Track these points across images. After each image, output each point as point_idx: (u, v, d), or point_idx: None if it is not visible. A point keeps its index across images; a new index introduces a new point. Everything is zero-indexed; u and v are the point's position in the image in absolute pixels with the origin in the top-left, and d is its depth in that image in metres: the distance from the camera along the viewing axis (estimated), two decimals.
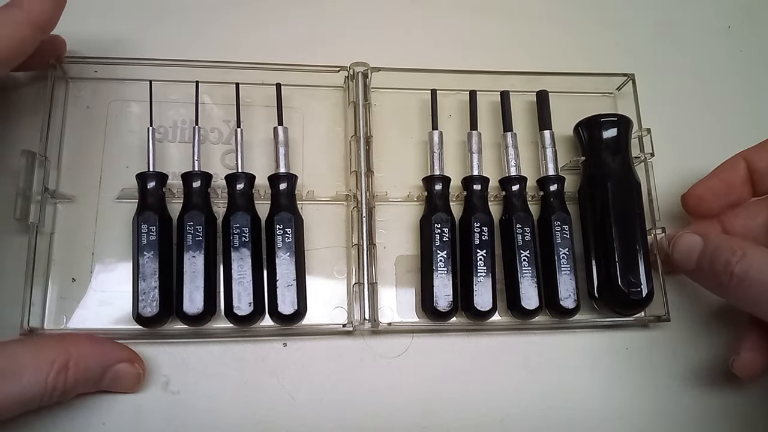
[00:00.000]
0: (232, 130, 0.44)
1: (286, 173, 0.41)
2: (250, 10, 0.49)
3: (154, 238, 0.38)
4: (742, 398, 0.44)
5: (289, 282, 0.39)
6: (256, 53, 0.45)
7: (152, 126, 0.41)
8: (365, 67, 0.45)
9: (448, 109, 0.47)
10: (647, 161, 0.45)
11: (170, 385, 0.39)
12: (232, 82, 0.43)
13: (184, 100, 0.44)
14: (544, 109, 0.45)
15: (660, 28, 0.54)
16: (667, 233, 0.43)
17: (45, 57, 0.40)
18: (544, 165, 0.44)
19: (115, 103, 0.44)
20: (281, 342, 0.41)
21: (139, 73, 0.43)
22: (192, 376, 0.39)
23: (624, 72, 0.48)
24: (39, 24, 0.36)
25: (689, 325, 0.45)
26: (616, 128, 0.44)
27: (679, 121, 0.51)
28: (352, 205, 0.43)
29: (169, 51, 0.44)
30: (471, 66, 0.47)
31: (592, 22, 0.53)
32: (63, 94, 0.44)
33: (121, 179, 0.42)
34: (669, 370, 0.44)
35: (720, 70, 0.54)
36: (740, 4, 0.57)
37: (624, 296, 0.40)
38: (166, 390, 0.39)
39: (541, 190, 0.44)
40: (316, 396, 0.40)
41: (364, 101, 0.44)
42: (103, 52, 0.44)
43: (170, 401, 0.39)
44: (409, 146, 0.47)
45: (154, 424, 0.38)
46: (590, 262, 0.43)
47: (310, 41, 0.49)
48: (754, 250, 0.34)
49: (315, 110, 0.46)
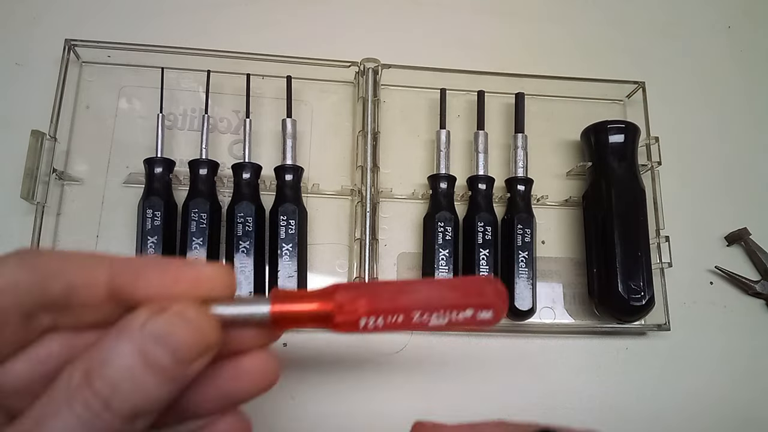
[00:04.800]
0: (241, 120, 0.44)
1: (292, 165, 0.42)
2: (263, 4, 0.50)
3: (159, 224, 0.38)
4: (742, 403, 0.43)
5: (290, 273, 0.39)
6: (268, 46, 0.45)
7: (162, 113, 0.42)
8: (376, 64, 0.45)
9: (456, 108, 0.48)
10: (654, 169, 0.45)
11: None
12: (243, 72, 0.43)
13: (194, 89, 0.45)
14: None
15: (660, 28, 0.54)
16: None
17: None
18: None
19: (127, 89, 0.45)
20: (281, 342, 0.41)
21: (152, 60, 0.44)
22: None
23: (634, 79, 0.48)
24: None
25: (689, 334, 0.45)
26: (623, 135, 0.44)
27: (682, 127, 0.51)
28: (357, 199, 0.43)
29: (182, 40, 0.44)
30: (481, 67, 0.47)
31: (594, 23, 0.53)
32: (76, 77, 0.44)
33: (129, 164, 0.43)
34: (667, 378, 0.44)
35: (721, 70, 0.54)
36: (740, 4, 0.56)
37: (624, 302, 0.40)
38: None
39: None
40: (316, 396, 0.40)
41: (374, 97, 0.44)
42: (116, 37, 0.44)
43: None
44: (415, 144, 0.47)
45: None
46: (591, 267, 0.43)
47: (322, 36, 0.49)
48: None
49: (324, 104, 0.47)
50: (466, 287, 0.23)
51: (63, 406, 0.19)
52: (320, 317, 0.23)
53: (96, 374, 0.19)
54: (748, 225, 0.47)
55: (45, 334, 0.24)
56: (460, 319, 0.23)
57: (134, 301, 0.22)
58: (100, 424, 0.19)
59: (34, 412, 0.19)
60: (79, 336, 0.24)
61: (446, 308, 0.23)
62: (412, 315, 0.23)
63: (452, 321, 0.23)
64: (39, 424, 0.19)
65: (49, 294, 0.22)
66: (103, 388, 0.19)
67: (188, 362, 0.21)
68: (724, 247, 0.48)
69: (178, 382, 0.21)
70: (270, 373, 0.25)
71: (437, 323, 0.23)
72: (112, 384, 0.19)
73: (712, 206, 0.49)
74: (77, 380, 0.19)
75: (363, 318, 0.23)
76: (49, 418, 0.19)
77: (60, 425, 0.19)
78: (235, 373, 0.24)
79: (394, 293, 0.23)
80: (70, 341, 0.24)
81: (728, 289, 0.47)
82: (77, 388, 0.19)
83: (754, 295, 0.47)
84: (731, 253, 0.48)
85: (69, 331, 0.24)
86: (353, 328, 0.23)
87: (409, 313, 0.23)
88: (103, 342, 0.20)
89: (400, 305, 0.23)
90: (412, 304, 0.23)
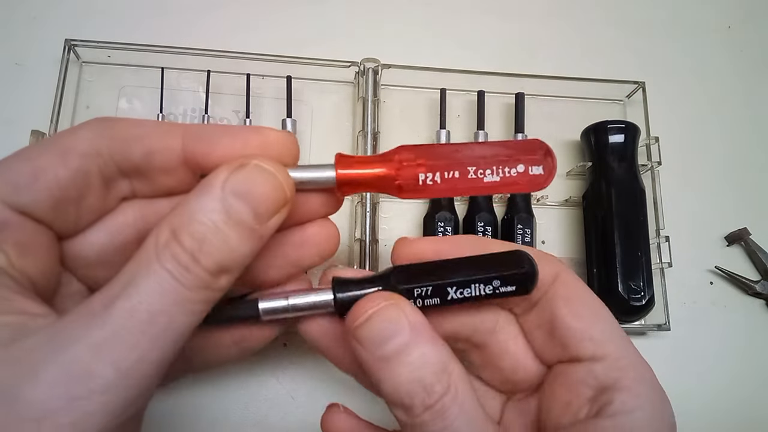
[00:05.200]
0: (241, 120, 0.44)
1: None
2: (263, 4, 0.49)
3: None
4: (742, 402, 0.43)
5: None
6: (268, 46, 0.45)
7: (162, 113, 0.42)
8: (376, 64, 0.45)
9: (456, 108, 0.48)
10: (654, 169, 0.45)
11: (170, 385, 0.39)
12: (243, 72, 0.43)
13: (194, 89, 0.45)
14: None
15: (661, 28, 0.54)
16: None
17: None
18: None
19: (127, 89, 0.45)
20: (281, 342, 0.41)
21: (152, 60, 0.44)
22: (192, 376, 0.39)
23: (634, 79, 0.48)
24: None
25: (689, 334, 0.45)
26: (623, 134, 0.44)
27: (682, 127, 0.51)
28: (357, 199, 0.43)
29: (182, 40, 0.44)
30: (481, 67, 0.47)
31: (594, 23, 0.53)
32: (76, 77, 0.44)
33: None
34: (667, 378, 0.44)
35: (721, 71, 0.54)
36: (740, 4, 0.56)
37: (624, 302, 0.40)
38: (167, 390, 0.39)
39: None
40: (316, 396, 0.40)
41: (373, 97, 0.44)
42: (116, 37, 0.44)
43: (170, 401, 0.39)
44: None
45: (154, 424, 0.38)
46: (591, 267, 0.43)
47: (322, 36, 0.49)
48: (466, 395, 0.23)
49: (324, 104, 0.47)
50: (517, 146, 0.25)
51: (154, 263, 0.20)
52: (383, 179, 0.24)
53: (183, 230, 0.20)
54: (748, 225, 0.47)
55: (122, 202, 0.25)
56: (513, 176, 0.24)
57: (207, 167, 0.23)
58: (189, 278, 0.20)
59: (123, 275, 0.20)
60: (152, 205, 0.25)
61: (499, 163, 0.24)
62: (468, 170, 0.24)
63: (505, 177, 0.24)
64: (130, 283, 0.19)
65: (130, 158, 0.23)
66: (190, 243, 0.20)
67: (267, 217, 0.21)
68: (724, 247, 0.48)
69: (257, 238, 0.21)
70: (332, 239, 0.26)
71: (492, 180, 0.24)
72: (198, 239, 0.20)
73: (712, 206, 0.49)
74: (165, 237, 0.20)
75: (422, 174, 0.24)
76: (141, 276, 0.19)
77: (152, 280, 0.19)
78: (300, 240, 0.26)
79: (451, 151, 0.24)
80: (143, 210, 0.25)
81: (728, 289, 0.47)
82: (166, 245, 0.20)
83: (754, 295, 0.47)
84: (731, 253, 0.48)
85: (143, 199, 0.25)
86: (414, 185, 0.24)
87: (464, 168, 0.24)
88: (187, 201, 0.21)
89: (456, 160, 0.24)
90: (467, 159, 0.24)
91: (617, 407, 0.23)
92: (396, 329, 0.22)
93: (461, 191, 0.25)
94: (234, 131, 0.23)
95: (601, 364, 0.24)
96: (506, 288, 0.24)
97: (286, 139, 0.24)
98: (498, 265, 0.24)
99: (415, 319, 0.23)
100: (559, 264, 0.27)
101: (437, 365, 0.22)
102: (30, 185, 0.21)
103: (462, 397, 0.22)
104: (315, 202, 0.25)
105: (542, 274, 0.25)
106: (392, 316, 0.23)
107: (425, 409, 0.22)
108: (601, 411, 0.23)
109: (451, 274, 0.24)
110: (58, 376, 0.18)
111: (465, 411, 0.22)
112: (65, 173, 0.22)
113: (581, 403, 0.24)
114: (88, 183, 0.23)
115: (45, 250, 0.23)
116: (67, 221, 0.23)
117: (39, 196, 0.21)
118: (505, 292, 0.24)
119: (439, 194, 0.25)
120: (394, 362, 0.22)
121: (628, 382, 0.23)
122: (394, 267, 0.25)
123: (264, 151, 0.23)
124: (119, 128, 0.23)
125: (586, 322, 0.25)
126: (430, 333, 0.23)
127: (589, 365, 0.24)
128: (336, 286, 0.24)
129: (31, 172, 0.21)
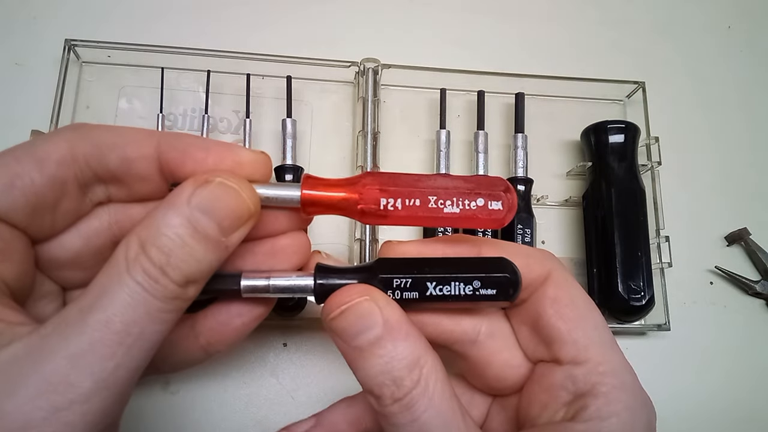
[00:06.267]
0: (241, 120, 0.44)
1: (292, 165, 0.42)
2: (263, 4, 0.49)
3: None
4: (742, 402, 0.43)
5: None
6: (268, 46, 0.45)
7: (162, 113, 0.42)
8: (376, 64, 0.45)
9: (456, 108, 0.48)
10: (654, 169, 0.45)
11: (170, 386, 0.39)
12: (243, 72, 0.43)
13: (194, 89, 0.45)
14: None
15: (660, 28, 0.54)
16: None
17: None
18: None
19: (127, 89, 0.45)
20: (281, 342, 0.41)
21: (152, 60, 0.44)
22: (192, 376, 0.39)
23: (634, 79, 0.48)
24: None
25: (689, 334, 0.45)
26: (623, 134, 0.44)
27: (682, 127, 0.51)
28: None
29: (182, 40, 0.44)
30: (481, 67, 0.47)
31: (595, 23, 0.53)
32: (76, 77, 0.44)
33: None
34: (667, 378, 0.44)
35: (720, 71, 0.54)
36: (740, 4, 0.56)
37: (624, 302, 0.40)
38: (166, 390, 0.39)
39: None
40: (316, 396, 0.40)
41: (374, 97, 0.44)
42: (116, 37, 0.44)
43: (170, 401, 0.39)
44: (415, 144, 0.47)
45: (154, 424, 0.38)
46: (591, 267, 0.43)
47: (322, 36, 0.49)
48: (437, 389, 0.23)
49: (324, 104, 0.47)
50: (479, 180, 0.25)
51: (124, 274, 0.20)
52: (346, 202, 0.25)
53: (151, 244, 0.21)
54: (748, 225, 0.47)
55: (97, 207, 0.25)
56: (472, 209, 0.25)
57: (180, 177, 0.23)
58: (159, 290, 0.20)
59: (96, 286, 0.20)
60: (126, 210, 0.26)
61: (460, 195, 0.25)
62: (429, 199, 0.25)
63: (465, 210, 0.25)
64: (103, 293, 0.20)
65: (106, 165, 0.24)
66: (158, 257, 0.20)
67: (231, 230, 0.22)
68: (724, 247, 0.48)
69: (222, 249, 0.22)
70: (302, 249, 0.27)
71: (451, 211, 0.25)
72: (166, 252, 0.21)
73: (712, 206, 0.49)
74: (135, 251, 0.21)
75: (383, 199, 0.25)
76: (114, 286, 0.20)
77: (125, 293, 0.20)
78: (270, 250, 0.26)
79: (414, 180, 0.25)
80: (118, 215, 0.26)
81: (728, 289, 0.47)
82: (135, 258, 0.20)
83: (754, 295, 0.47)
84: (731, 253, 0.48)
85: (118, 204, 0.26)
86: (375, 210, 0.25)
87: (425, 196, 0.25)
88: (154, 214, 0.21)
89: (417, 188, 0.25)
90: (428, 188, 0.25)
91: (592, 413, 0.23)
92: (368, 324, 0.23)
93: (422, 220, 0.25)
94: (209, 145, 0.24)
95: (581, 368, 0.24)
96: (487, 291, 0.24)
97: (258, 160, 0.24)
98: (480, 267, 0.25)
99: (390, 314, 0.23)
100: (553, 262, 0.27)
101: (408, 359, 0.23)
102: (6, 192, 0.22)
103: (432, 392, 0.23)
104: (284, 218, 0.26)
105: (533, 272, 0.26)
106: (365, 311, 0.23)
107: (394, 401, 0.22)
108: (577, 415, 0.24)
109: (431, 270, 0.25)
110: (39, 387, 0.18)
111: (434, 405, 0.22)
112: (41, 180, 0.22)
113: (558, 406, 0.25)
114: (63, 189, 0.23)
115: (20, 255, 0.23)
116: (43, 226, 0.23)
117: (15, 203, 0.22)
118: (485, 295, 0.24)
119: (400, 222, 0.25)
120: (367, 354, 0.23)
121: (606, 388, 0.24)
122: (378, 259, 0.26)
123: (236, 170, 0.23)
124: (95, 135, 0.24)
125: (571, 324, 0.25)
126: (404, 327, 0.23)
127: (569, 369, 0.25)
128: (317, 273, 0.25)
129: (7, 179, 0.22)
